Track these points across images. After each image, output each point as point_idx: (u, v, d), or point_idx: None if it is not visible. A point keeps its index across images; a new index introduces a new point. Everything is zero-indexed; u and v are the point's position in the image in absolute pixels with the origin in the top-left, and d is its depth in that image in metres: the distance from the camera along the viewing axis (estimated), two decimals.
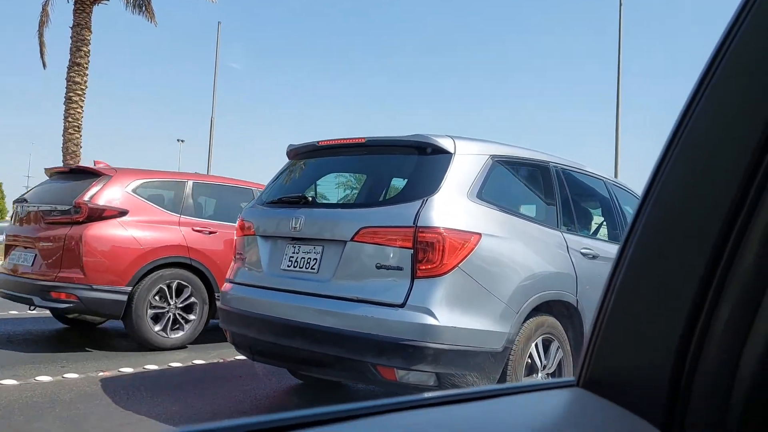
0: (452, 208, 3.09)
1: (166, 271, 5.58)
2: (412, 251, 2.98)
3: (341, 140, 3.70)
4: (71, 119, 16.50)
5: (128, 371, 4.63)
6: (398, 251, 3.02)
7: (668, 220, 0.58)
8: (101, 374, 4.48)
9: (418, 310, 2.91)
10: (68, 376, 4.38)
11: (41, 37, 18.42)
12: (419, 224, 2.98)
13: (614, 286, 0.62)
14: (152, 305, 5.49)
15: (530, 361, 3.28)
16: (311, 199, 3.74)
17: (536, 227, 3.53)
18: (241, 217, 3.98)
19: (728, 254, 0.53)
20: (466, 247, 3.01)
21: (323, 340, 3.10)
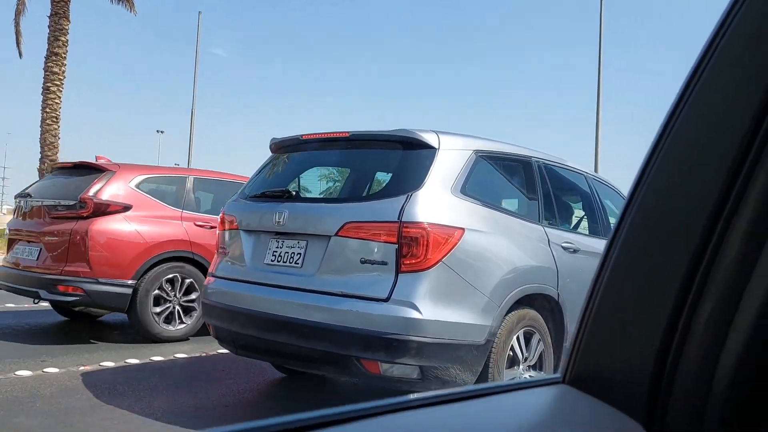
0: (436, 203, 3.11)
1: (169, 265, 5.68)
2: (396, 246, 2.99)
3: (325, 134, 3.69)
4: (49, 110, 16.24)
5: (110, 365, 4.59)
6: (383, 246, 3.03)
7: (652, 220, 0.60)
8: (82, 368, 4.44)
9: (402, 304, 2.93)
10: (48, 370, 4.33)
11: (17, 26, 18.11)
12: (404, 219, 3.00)
13: (600, 284, 0.63)
14: (156, 298, 5.58)
15: (512, 353, 3.32)
16: (295, 193, 3.73)
17: (518, 222, 3.56)
18: (223, 211, 3.96)
19: (709, 255, 0.54)
20: (449, 241, 3.03)
21: (307, 334, 3.10)
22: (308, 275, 3.25)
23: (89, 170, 5.83)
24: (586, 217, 4.62)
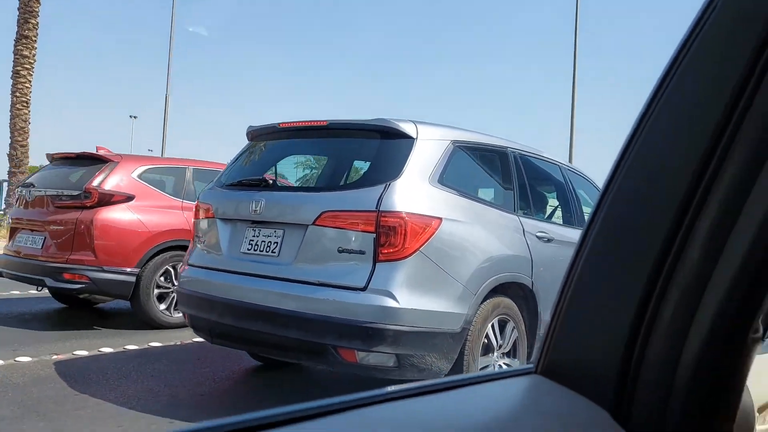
0: (414, 193, 3.13)
1: (170, 253, 5.81)
2: (374, 235, 3.01)
3: (302, 122, 3.68)
4: (19, 94, 15.84)
5: (83, 354, 4.55)
6: (360, 235, 3.04)
7: (623, 216, 0.62)
8: (55, 357, 4.39)
9: (380, 293, 2.95)
10: (20, 359, 4.28)
11: None
12: (382, 209, 3.01)
13: (573, 277, 0.65)
14: (158, 286, 5.72)
15: (486, 341, 3.37)
16: (272, 181, 3.71)
17: (494, 211, 3.60)
18: (198, 199, 3.93)
19: (675, 251, 0.56)
20: (427, 231, 3.06)
21: (284, 323, 3.11)
22: (285, 264, 3.25)
23: (91, 161, 5.96)
24: (560, 206, 4.69)
